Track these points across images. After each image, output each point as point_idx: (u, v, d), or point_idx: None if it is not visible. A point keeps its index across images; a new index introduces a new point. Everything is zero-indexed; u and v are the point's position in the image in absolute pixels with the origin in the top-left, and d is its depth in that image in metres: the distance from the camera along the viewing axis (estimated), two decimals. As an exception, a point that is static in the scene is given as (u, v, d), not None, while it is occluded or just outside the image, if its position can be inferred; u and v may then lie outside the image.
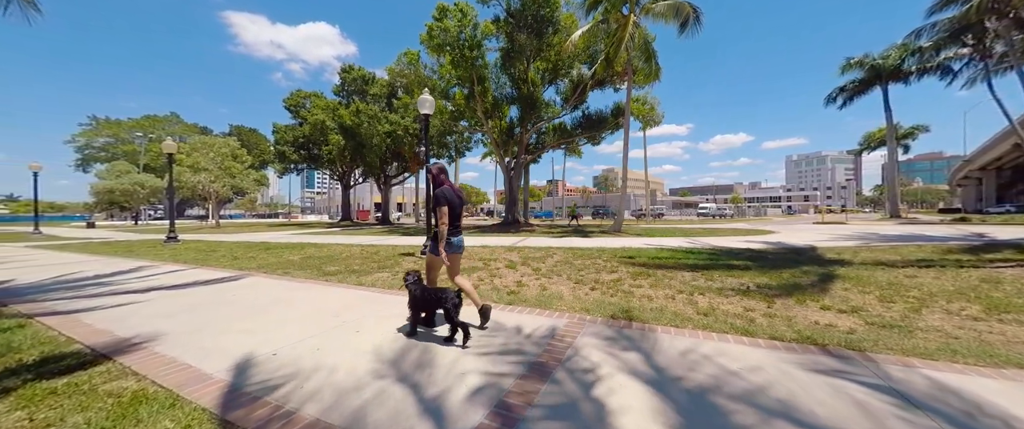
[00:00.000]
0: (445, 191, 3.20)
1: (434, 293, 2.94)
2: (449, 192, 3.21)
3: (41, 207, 28.46)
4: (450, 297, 2.84)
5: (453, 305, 2.81)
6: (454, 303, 2.82)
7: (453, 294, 2.86)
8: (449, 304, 2.81)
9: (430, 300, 2.95)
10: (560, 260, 7.36)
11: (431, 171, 3.39)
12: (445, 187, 3.24)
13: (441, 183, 3.29)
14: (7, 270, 6.98)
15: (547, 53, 18.10)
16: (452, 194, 3.23)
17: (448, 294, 2.86)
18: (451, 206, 3.18)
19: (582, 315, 3.62)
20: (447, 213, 3.13)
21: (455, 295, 2.86)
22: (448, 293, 2.87)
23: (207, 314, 3.77)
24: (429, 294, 2.96)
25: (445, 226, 3.12)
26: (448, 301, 2.82)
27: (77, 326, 3.38)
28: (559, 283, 5.21)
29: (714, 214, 47.46)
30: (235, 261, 7.92)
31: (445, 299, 2.83)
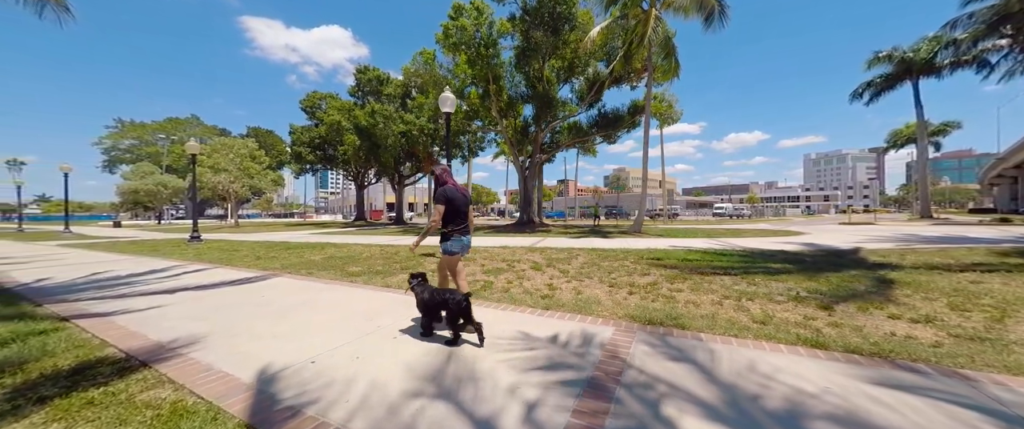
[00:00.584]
0: (448, 190, 3.19)
1: (441, 295, 2.90)
2: (452, 191, 3.19)
3: (70, 207, 29.61)
4: (458, 300, 2.78)
5: (459, 308, 2.76)
6: (461, 306, 2.76)
7: (461, 297, 2.79)
8: (455, 306, 2.76)
9: (437, 302, 2.90)
10: (586, 262, 7.13)
11: (435, 172, 3.39)
12: (448, 186, 3.22)
13: (444, 182, 3.27)
14: (41, 269, 7.11)
15: (563, 51, 17.83)
16: (456, 193, 3.21)
17: (455, 297, 2.80)
18: (456, 205, 3.15)
19: (628, 323, 3.40)
20: (444, 211, 3.12)
21: (463, 297, 2.79)
22: (456, 296, 2.81)
23: (238, 316, 3.68)
24: (436, 296, 2.91)
25: (436, 223, 3.13)
26: (454, 304, 2.77)
27: (110, 329, 3.32)
28: (593, 286, 4.99)
29: (731, 214, 46.36)
30: (258, 261, 7.92)
31: (451, 301, 2.79)
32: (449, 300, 2.80)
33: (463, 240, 3.24)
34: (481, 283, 5.25)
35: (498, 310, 3.87)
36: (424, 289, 2.98)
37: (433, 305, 2.91)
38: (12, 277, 6.19)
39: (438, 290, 2.97)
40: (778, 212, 53.13)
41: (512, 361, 2.58)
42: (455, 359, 2.61)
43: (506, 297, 4.42)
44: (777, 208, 54.99)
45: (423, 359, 2.61)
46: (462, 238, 3.25)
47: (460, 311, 2.75)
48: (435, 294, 2.92)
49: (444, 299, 2.84)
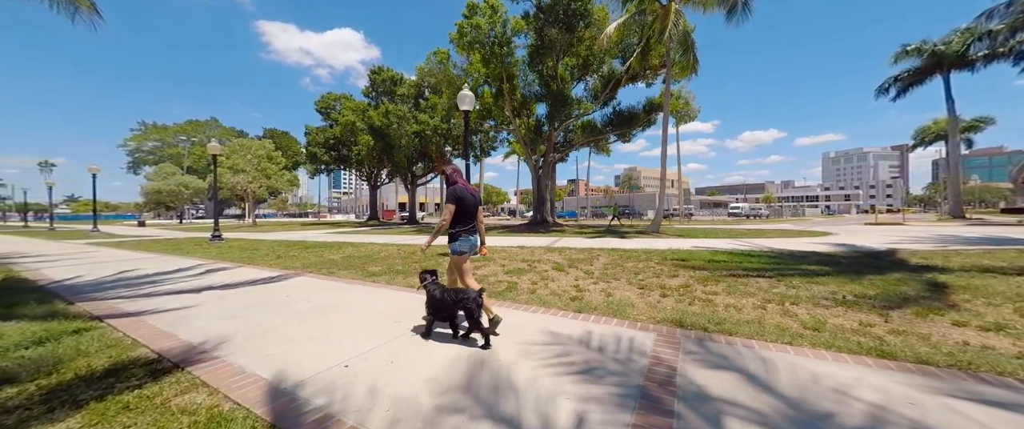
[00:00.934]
0: (458, 189, 3.17)
1: (454, 294, 2.86)
2: (462, 191, 3.18)
3: (97, 207, 30.62)
4: (472, 298, 2.76)
5: (474, 306, 2.73)
6: (476, 304, 2.74)
7: (475, 295, 2.77)
8: (471, 304, 2.74)
9: (450, 301, 2.86)
10: (608, 262, 6.94)
11: (445, 172, 3.38)
12: (459, 186, 3.21)
13: (454, 182, 3.26)
14: (72, 267, 7.28)
15: (578, 48, 17.59)
16: (466, 193, 3.19)
17: (469, 295, 2.78)
18: (466, 205, 3.14)
19: (669, 328, 3.22)
20: (454, 211, 3.10)
21: (477, 296, 2.77)
22: (470, 294, 2.79)
23: (265, 317, 3.63)
24: (449, 295, 2.88)
25: (446, 222, 3.11)
26: (470, 302, 2.75)
27: (141, 328, 3.30)
28: (622, 288, 4.80)
29: (747, 214, 45.23)
30: (279, 260, 7.96)
31: (465, 300, 2.77)
32: (464, 299, 2.77)
33: (471, 240, 3.22)
34: (504, 284, 5.12)
35: (527, 312, 3.73)
36: (437, 287, 2.96)
37: (446, 304, 2.86)
38: (45, 275, 6.34)
39: (451, 289, 2.94)
40: (797, 212, 51.62)
41: (551, 368, 2.44)
42: (490, 365, 2.49)
43: (534, 299, 4.28)
44: (796, 208, 53.42)
45: (458, 364, 2.49)
46: (470, 238, 3.22)
47: (476, 308, 2.72)
48: (447, 293, 2.88)
49: (459, 298, 2.80)
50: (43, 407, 2.00)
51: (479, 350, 2.73)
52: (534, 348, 2.79)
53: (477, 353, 2.67)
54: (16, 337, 3.06)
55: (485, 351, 2.70)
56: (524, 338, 2.98)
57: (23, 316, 3.70)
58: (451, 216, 3.10)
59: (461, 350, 2.74)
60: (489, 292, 4.67)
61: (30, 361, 2.58)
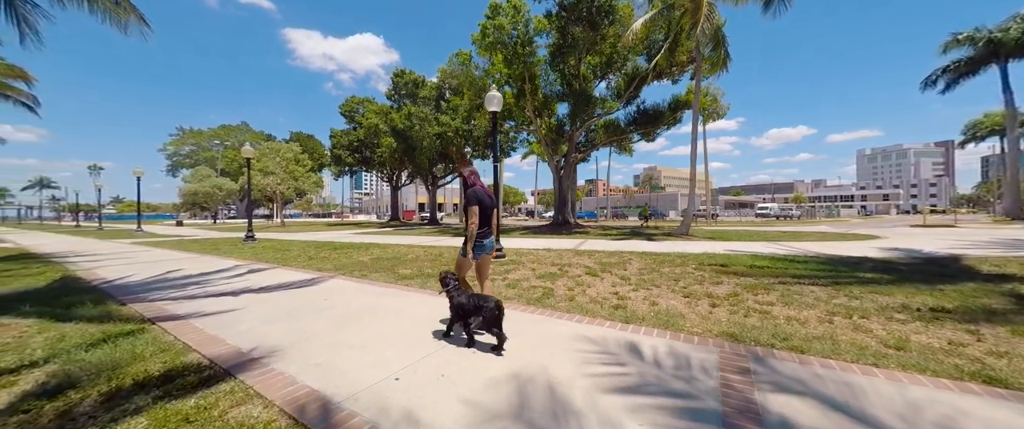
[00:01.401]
0: (477, 192, 3.18)
1: (476, 300, 2.87)
2: (481, 193, 3.19)
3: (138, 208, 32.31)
4: (491, 307, 2.75)
5: (493, 314, 2.74)
6: (495, 313, 2.74)
7: (495, 304, 2.77)
8: (488, 313, 2.75)
9: (472, 308, 2.87)
10: (643, 267, 6.67)
11: (463, 174, 3.38)
12: (477, 188, 3.22)
13: (472, 184, 3.27)
14: (121, 266, 7.64)
15: (601, 46, 17.24)
16: (484, 195, 3.20)
17: (490, 303, 2.78)
18: (484, 207, 3.15)
19: (731, 344, 2.98)
20: (478, 213, 3.10)
21: (496, 305, 2.77)
22: (490, 301, 2.79)
23: (307, 322, 3.62)
24: (471, 301, 2.89)
25: (474, 226, 3.08)
26: (489, 310, 2.75)
27: (190, 332, 3.35)
28: (665, 296, 4.57)
29: (777, 215, 43.29)
30: (311, 261, 8.10)
31: (486, 308, 2.77)
32: (483, 307, 2.78)
33: (485, 243, 3.24)
34: (540, 290, 4.98)
35: (571, 321, 3.57)
36: (460, 293, 3.00)
37: (469, 310, 2.89)
38: (97, 274, 6.66)
39: (474, 295, 2.94)
40: (831, 213, 49.06)
41: (610, 386, 2.27)
42: (545, 380, 2.34)
43: (574, 306, 4.11)
44: (830, 208, 50.75)
45: (511, 380, 2.36)
46: (483, 241, 3.24)
47: (494, 318, 2.75)
48: (471, 299, 2.90)
49: (478, 305, 2.82)
50: (106, 416, 2.00)
51: (531, 363, 2.59)
52: (588, 361, 2.63)
53: (528, 366, 2.54)
54: (76, 338, 3.16)
55: (537, 365, 2.56)
56: (574, 350, 2.83)
57: (81, 317, 3.84)
58: (478, 218, 3.10)
59: (510, 363, 2.61)
60: (525, 298, 4.54)
61: (91, 364, 2.63)
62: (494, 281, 5.64)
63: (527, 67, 16.59)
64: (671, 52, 15.22)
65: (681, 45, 15.43)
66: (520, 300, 4.48)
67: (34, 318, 3.75)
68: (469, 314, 2.89)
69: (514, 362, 2.63)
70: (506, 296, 4.63)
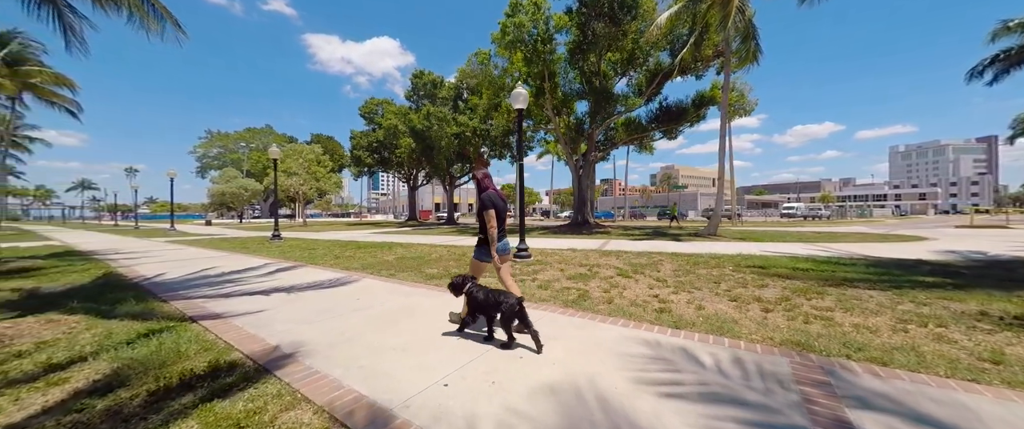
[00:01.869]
0: (491, 195, 3.17)
1: (496, 296, 2.87)
2: (495, 196, 3.18)
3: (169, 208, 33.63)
4: (513, 304, 2.77)
5: (511, 311, 2.76)
6: (515, 310, 2.76)
7: (516, 301, 2.78)
8: (507, 309, 2.76)
9: (492, 304, 2.87)
10: (677, 269, 6.40)
11: (476, 176, 3.37)
12: (490, 191, 3.20)
13: (486, 188, 3.24)
14: (159, 264, 7.88)
15: (623, 42, 16.86)
16: (498, 198, 3.19)
17: (511, 299, 2.79)
18: (499, 210, 3.15)
19: (800, 353, 2.74)
20: (495, 216, 3.09)
21: (518, 302, 2.78)
22: (511, 298, 2.80)
23: (344, 322, 3.56)
24: (491, 297, 2.89)
25: (494, 229, 3.08)
26: (509, 307, 2.77)
27: (230, 330, 3.33)
28: (710, 300, 4.31)
29: (805, 215, 41.54)
30: (337, 260, 8.16)
31: (506, 304, 2.78)
32: (503, 303, 2.78)
33: (499, 244, 3.21)
34: (574, 291, 4.80)
35: (614, 326, 3.38)
36: (479, 288, 3.01)
37: (487, 305, 2.89)
38: (138, 272, 6.87)
39: (493, 291, 2.94)
40: (863, 213, 46.71)
41: (675, 395, 2.08)
42: (603, 388, 2.18)
43: (615, 309, 3.92)
44: (863, 208, 48.36)
45: (567, 388, 2.20)
46: (500, 241, 3.22)
47: (513, 315, 2.77)
48: (490, 295, 2.90)
49: (498, 301, 2.82)
50: (156, 416, 1.96)
51: (583, 370, 2.43)
52: (644, 371, 2.44)
53: (580, 372, 2.38)
54: (122, 335, 3.19)
55: (590, 372, 2.40)
56: (625, 356, 2.65)
57: (125, 313, 3.91)
58: (495, 221, 3.09)
59: (561, 368, 2.45)
60: (561, 300, 4.38)
61: (137, 363, 2.62)
62: (523, 282, 5.50)
63: (547, 65, 16.38)
64: (697, 46, 14.72)
65: (707, 39, 14.90)
66: (555, 301, 4.32)
67: (82, 314, 3.83)
68: (488, 309, 2.89)
69: (565, 367, 2.47)
70: (540, 297, 4.48)
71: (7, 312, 3.93)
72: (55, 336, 3.18)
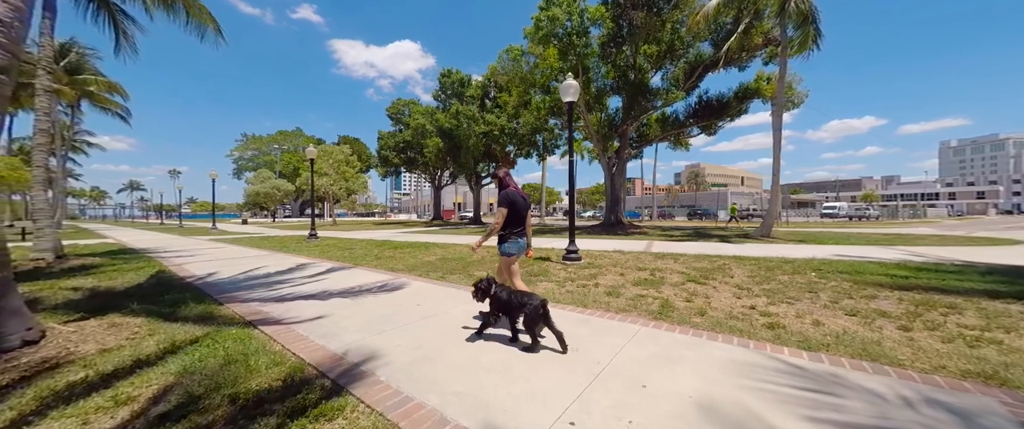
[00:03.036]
0: (510, 193, 3.22)
1: (520, 297, 2.81)
2: (515, 194, 3.21)
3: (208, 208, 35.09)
4: (536, 305, 2.68)
5: (536, 313, 2.67)
6: (539, 312, 2.67)
7: (540, 302, 2.69)
8: (532, 311, 2.68)
9: (516, 305, 2.78)
10: (752, 275, 5.75)
11: (498, 174, 3.40)
12: (511, 189, 3.25)
13: (507, 185, 3.29)
14: (207, 263, 7.92)
15: (661, 33, 16.04)
16: (518, 197, 3.23)
17: (535, 301, 2.70)
18: (517, 208, 3.18)
19: (1012, 393, 2.15)
20: (507, 214, 3.16)
21: (541, 304, 2.69)
22: (535, 299, 2.71)
23: (416, 334, 3.22)
24: (516, 298, 2.82)
25: (499, 225, 3.20)
26: (532, 309, 2.68)
27: (296, 340, 3.05)
28: (822, 313, 3.71)
29: (850, 215, 38.83)
30: (379, 261, 7.96)
31: (530, 306, 2.69)
32: (527, 304, 2.71)
33: (520, 243, 3.29)
34: (650, 299, 4.29)
35: (730, 345, 2.86)
36: (502, 289, 2.93)
37: (512, 306, 2.81)
38: (189, 270, 6.88)
39: (517, 292, 2.88)
40: (916, 213, 43.21)
41: None
42: (769, 426, 1.69)
43: (713, 323, 3.40)
44: (915, 208, 44.78)
45: (723, 424, 1.73)
46: (519, 240, 3.29)
47: (538, 317, 2.68)
48: (513, 296, 2.84)
49: (522, 302, 2.75)
50: (241, 453, 1.64)
51: (726, 398, 1.95)
52: (815, 409, 1.93)
53: (724, 401, 1.90)
54: (185, 340, 2.97)
55: (738, 402, 1.92)
56: (771, 384, 2.14)
57: (185, 317, 3.73)
58: (504, 219, 3.16)
59: (697, 397, 1.98)
60: (641, 309, 3.89)
61: (207, 377, 2.36)
62: (585, 288, 5.05)
63: (581, 59, 15.80)
64: (745, 34, 13.75)
65: (757, 26, 13.92)
66: (636, 311, 3.84)
67: (144, 317, 3.68)
68: (512, 310, 2.80)
69: (707, 402, 2.00)
70: (617, 306, 4.01)
71: (72, 312, 3.84)
72: (119, 342, 3.00)
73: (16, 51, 2.79)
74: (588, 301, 4.29)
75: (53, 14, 8.03)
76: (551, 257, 8.06)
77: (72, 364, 2.56)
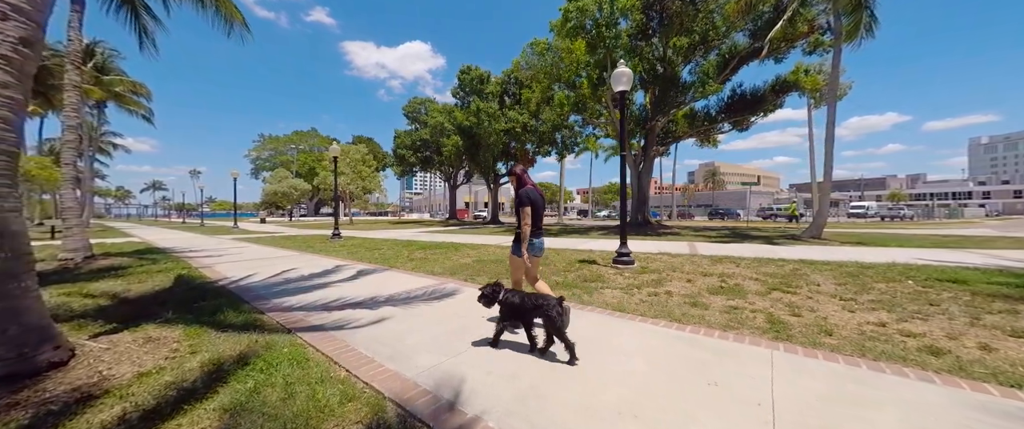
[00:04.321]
0: (530, 192, 3.11)
1: (534, 300, 2.64)
2: (533, 193, 3.12)
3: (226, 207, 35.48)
4: (553, 304, 2.51)
5: (557, 313, 2.49)
6: (558, 311, 2.50)
7: (556, 301, 2.53)
8: (552, 312, 2.49)
9: (530, 308, 2.62)
10: (839, 282, 5.10)
11: (515, 172, 3.29)
12: (529, 188, 3.14)
13: (525, 184, 3.19)
14: (236, 264, 7.59)
15: (696, 23, 15.26)
16: (536, 195, 3.13)
17: (550, 301, 2.54)
18: (536, 207, 3.09)
19: None
20: (531, 214, 3.04)
21: (558, 302, 2.53)
22: (550, 300, 2.55)
23: (504, 357, 2.70)
24: (529, 301, 2.66)
25: (528, 227, 3.03)
26: (551, 309, 2.50)
27: (363, 364, 2.57)
28: (978, 333, 3.06)
29: (882, 215, 37.03)
30: (413, 262, 7.51)
31: (547, 306, 2.51)
32: (546, 305, 2.52)
33: (536, 243, 3.16)
34: (747, 312, 3.70)
35: (912, 380, 2.27)
36: (513, 293, 2.78)
37: (525, 310, 2.65)
38: (219, 272, 6.53)
39: (532, 295, 2.73)
40: (953, 212, 41.05)
41: None
42: None
43: (857, 347, 2.79)
44: (952, 208, 42.57)
45: None
46: (535, 240, 3.15)
47: (561, 318, 2.50)
48: (527, 299, 2.68)
49: (537, 305, 2.58)
50: None
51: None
52: None
53: None
54: (232, 359, 2.51)
55: None
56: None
57: (227, 327, 3.31)
58: (530, 218, 3.02)
59: None
60: (750, 326, 3.31)
61: (270, 417, 1.88)
62: (655, 296, 4.49)
63: (610, 52, 15.14)
64: (790, 23, 12.89)
65: (801, 13, 13.04)
66: (744, 328, 3.26)
67: (180, 329, 3.26)
68: (526, 314, 2.64)
69: None
70: (716, 322, 3.43)
71: (102, 322, 3.45)
72: (157, 363, 2.56)
73: (40, 20, 2.37)
74: (674, 313, 3.72)
75: (82, 7, 7.81)
76: (597, 260, 7.49)
77: (107, 396, 2.12)
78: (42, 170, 19.61)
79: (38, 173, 19.63)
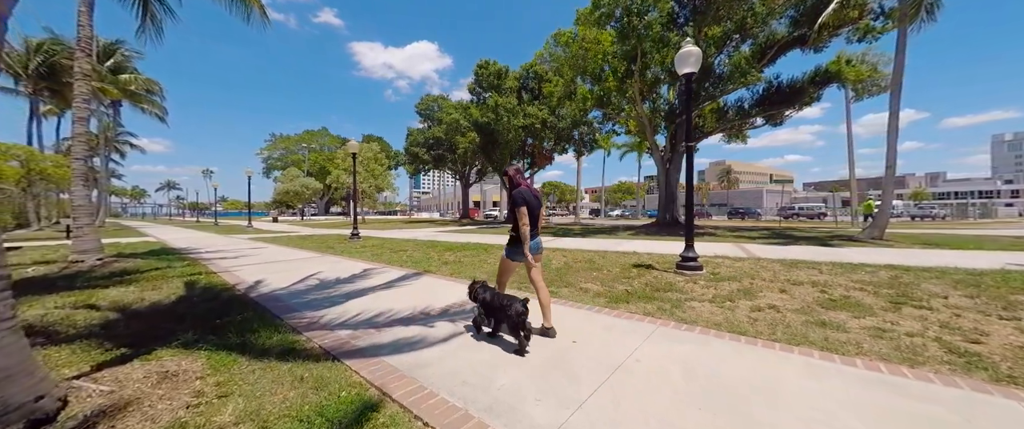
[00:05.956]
0: (523, 192, 3.00)
1: (501, 300, 2.78)
2: (527, 193, 3.02)
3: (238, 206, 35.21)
4: (515, 305, 2.64)
5: (516, 313, 2.62)
6: (518, 311, 2.62)
7: (519, 302, 2.65)
8: (512, 312, 2.64)
9: (498, 306, 2.77)
10: (966, 294, 4.27)
11: (507, 173, 3.19)
12: (522, 188, 3.03)
13: (518, 184, 3.06)
14: (256, 267, 7.00)
15: (734, 10, 14.33)
16: (530, 195, 3.03)
17: (514, 302, 2.67)
18: (531, 208, 2.99)
19: None
20: (527, 214, 2.94)
21: (521, 303, 2.64)
22: (515, 301, 2.67)
23: (636, 404, 1.98)
24: (497, 300, 2.81)
25: (527, 227, 2.93)
26: (512, 309, 2.64)
27: (458, 420, 1.87)
28: None
29: (912, 215, 35.44)
30: (445, 267, 6.82)
31: (510, 307, 2.66)
32: (508, 305, 2.67)
33: (532, 243, 2.97)
34: (889, 336, 2.93)
35: None
36: (487, 291, 2.93)
37: (494, 307, 2.81)
38: (239, 277, 5.92)
39: (500, 295, 2.86)
40: (987, 211, 39.18)
41: None
42: None
43: None
44: (986, 206, 40.67)
45: None
46: (537, 239, 3.04)
47: (522, 321, 2.60)
48: (496, 298, 2.84)
49: (503, 304, 2.72)
50: None
51: None
52: None
53: None
54: (278, 417, 1.83)
55: None
56: None
57: (260, 352, 2.64)
58: (526, 218, 2.92)
59: None
60: (905, 352, 2.53)
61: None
62: (761, 311, 3.75)
63: (639, 41, 14.31)
64: (843, 6, 11.92)
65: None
66: (930, 361, 2.49)
67: (203, 357, 2.60)
68: (495, 312, 2.80)
69: None
70: (886, 354, 2.65)
71: (107, 346, 2.81)
72: (176, 415, 1.89)
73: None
74: (811, 337, 2.96)
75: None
76: (652, 264, 6.73)
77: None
78: (58, 169, 19.43)
79: (54, 172, 19.45)
